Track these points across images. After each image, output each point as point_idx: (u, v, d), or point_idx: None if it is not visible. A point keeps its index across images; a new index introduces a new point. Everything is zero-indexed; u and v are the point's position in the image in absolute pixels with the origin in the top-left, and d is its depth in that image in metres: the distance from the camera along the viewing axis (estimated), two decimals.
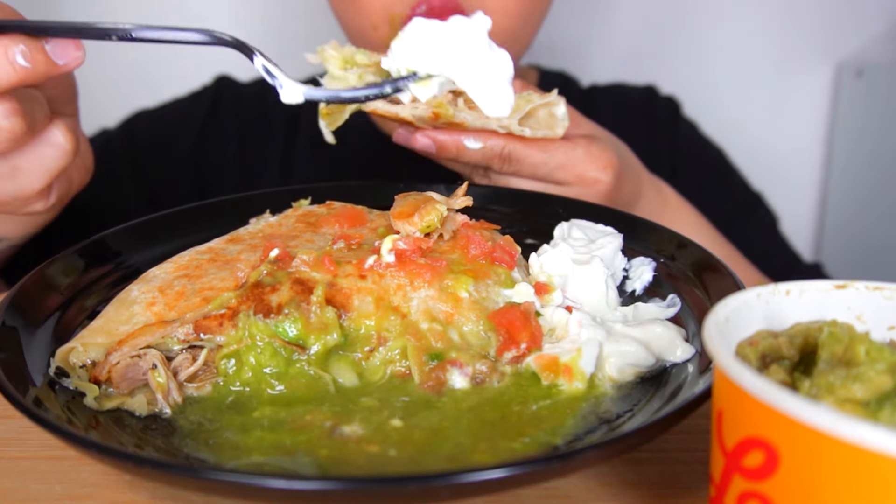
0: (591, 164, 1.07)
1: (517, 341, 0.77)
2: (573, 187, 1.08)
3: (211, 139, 1.58)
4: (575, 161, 1.07)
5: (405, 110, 0.99)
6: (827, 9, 2.29)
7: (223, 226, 0.97)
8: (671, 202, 1.26)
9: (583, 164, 1.07)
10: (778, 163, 2.36)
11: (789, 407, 0.46)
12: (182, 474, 0.59)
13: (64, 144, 0.94)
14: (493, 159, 1.04)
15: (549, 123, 1.04)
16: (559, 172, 1.07)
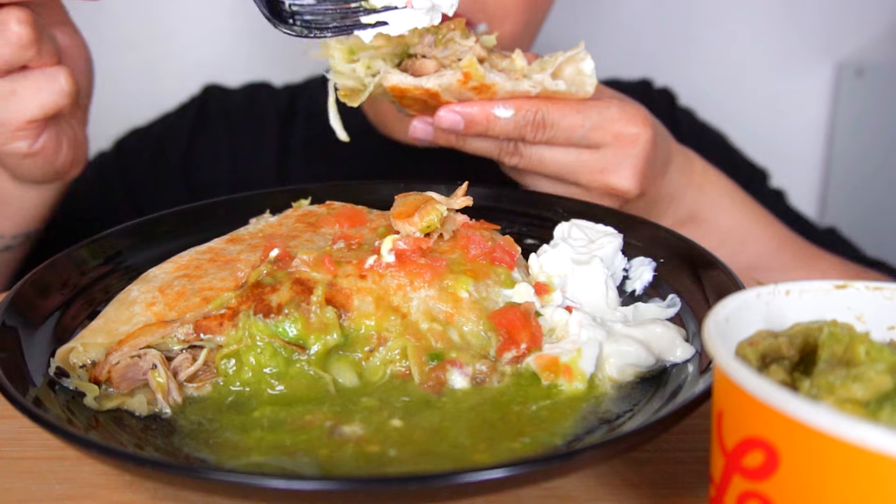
0: (629, 121, 1.01)
1: (517, 341, 0.77)
2: (611, 149, 1.01)
3: (201, 150, 1.56)
4: (611, 119, 1.00)
5: (430, 81, 0.94)
6: (827, 9, 2.29)
7: (223, 226, 0.97)
8: (697, 166, 1.20)
9: (619, 121, 1.01)
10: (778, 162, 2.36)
11: (789, 407, 0.46)
12: (182, 474, 0.59)
13: (64, 85, 0.95)
14: (525, 127, 0.98)
15: (577, 81, 0.98)
16: (595, 133, 1.00)
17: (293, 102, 1.61)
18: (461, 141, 1.02)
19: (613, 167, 1.02)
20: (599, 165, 1.02)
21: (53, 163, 1.06)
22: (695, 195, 1.15)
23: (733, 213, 1.20)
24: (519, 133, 0.99)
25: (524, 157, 1.03)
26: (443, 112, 0.97)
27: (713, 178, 1.20)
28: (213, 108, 1.61)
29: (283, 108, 1.60)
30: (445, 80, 0.94)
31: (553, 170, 1.03)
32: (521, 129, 0.98)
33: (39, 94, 0.95)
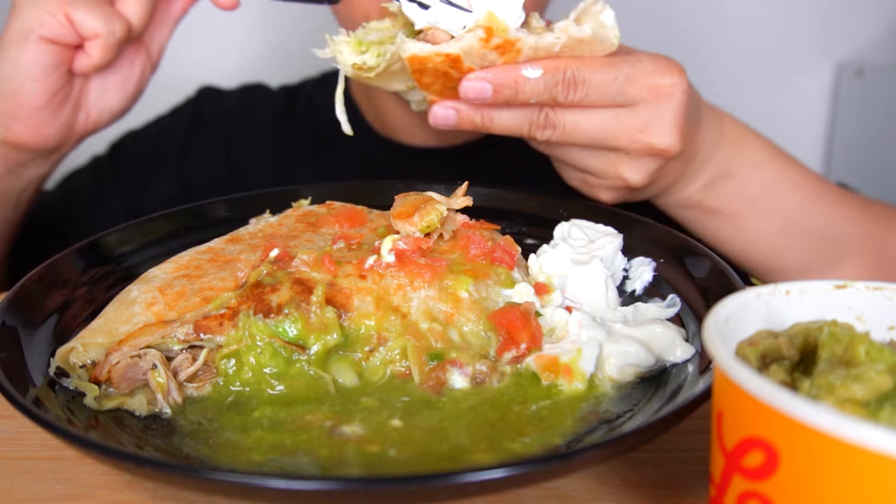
0: (663, 72, 0.96)
1: (517, 341, 0.77)
2: (648, 104, 0.96)
3: (196, 152, 1.54)
4: (644, 71, 0.95)
5: (450, 45, 0.89)
6: (827, 9, 2.29)
7: (223, 226, 0.97)
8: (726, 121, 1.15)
9: (654, 73, 0.96)
10: None
11: (789, 407, 0.46)
12: (182, 474, 0.59)
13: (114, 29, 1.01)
14: (556, 87, 0.92)
15: (600, 34, 0.94)
16: (630, 87, 0.95)
17: (290, 103, 1.60)
18: (487, 119, 0.96)
19: (653, 124, 0.97)
20: (638, 124, 0.97)
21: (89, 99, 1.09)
22: (727, 151, 1.11)
23: (767, 167, 1.16)
24: (550, 94, 0.93)
25: (557, 128, 0.97)
26: (467, 81, 0.91)
27: (743, 132, 1.16)
28: (209, 110, 1.60)
29: (279, 109, 1.59)
30: (466, 41, 0.89)
31: (590, 136, 0.98)
32: (551, 89, 0.92)
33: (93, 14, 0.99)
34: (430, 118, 0.97)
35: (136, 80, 1.14)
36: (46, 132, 1.08)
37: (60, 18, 0.98)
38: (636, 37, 2.51)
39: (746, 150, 1.14)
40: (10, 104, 1.03)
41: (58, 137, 1.10)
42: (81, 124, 1.13)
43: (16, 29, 1.00)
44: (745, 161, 1.14)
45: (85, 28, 0.99)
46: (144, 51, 1.13)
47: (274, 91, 1.65)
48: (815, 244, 1.22)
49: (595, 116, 0.96)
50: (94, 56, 1.02)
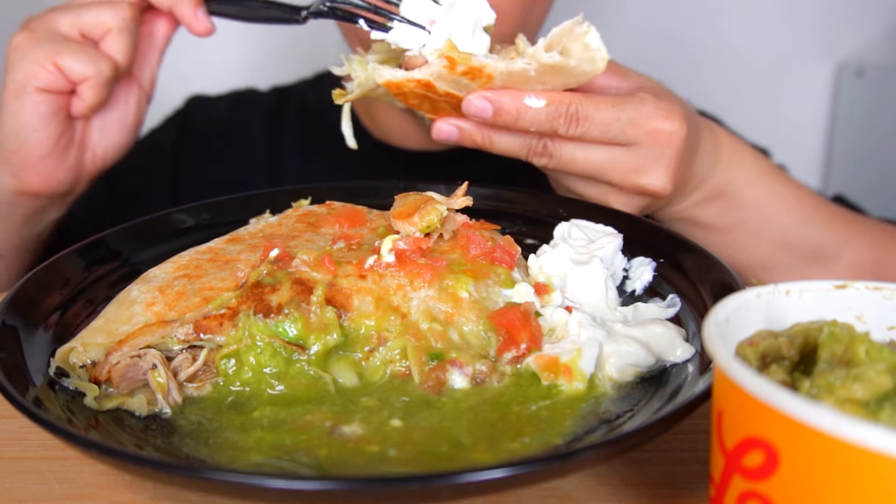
0: (665, 118, 0.97)
1: (517, 341, 0.77)
2: (645, 147, 0.98)
3: (187, 162, 1.54)
4: (647, 115, 0.96)
5: (420, 71, 0.91)
6: (827, 9, 2.29)
7: (223, 226, 0.97)
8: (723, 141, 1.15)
9: (656, 118, 0.97)
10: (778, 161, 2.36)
11: (789, 407, 0.46)
12: (182, 474, 0.59)
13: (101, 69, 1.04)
14: (558, 119, 0.93)
15: (585, 58, 0.91)
16: (631, 129, 0.96)
17: (281, 105, 1.59)
18: (487, 140, 0.98)
19: (647, 167, 0.99)
20: (633, 165, 0.99)
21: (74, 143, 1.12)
22: (723, 172, 1.12)
23: (760, 186, 1.17)
24: (551, 125, 0.94)
25: (554, 157, 0.99)
26: (471, 96, 0.93)
27: (740, 151, 1.17)
28: (198, 120, 1.59)
29: (270, 112, 1.58)
30: (434, 67, 0.91)
31: (584, 169, 1.00)
32: (553, 121, 0.94)
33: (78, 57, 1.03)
34: (434, 132, 0.99)
35: (133, 113, 1.18)
36: (57, 177, 1.12)
37: (50, 68, 1.03)
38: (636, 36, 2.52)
39: (742, 170, 1.15)
40: (19, 156, 1.07)
41: (69, 180, 1.14)
42: (90, 164, 1.16)
43: (11, 85, 1.05)
44: (740, 180, 1.15)
45: (74, 73, 1.04)
46: (136, 84, 1.17)
47: (264, 94, 1.64)
48: (806, 264, 1.23)
49: (592, 152, 0.98)
50: (86, 98, 1.06)
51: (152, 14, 1.14)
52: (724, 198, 1.14)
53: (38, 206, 1.15)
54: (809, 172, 2.46)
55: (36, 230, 1.19)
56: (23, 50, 1.04)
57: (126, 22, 1.06)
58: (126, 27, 1.07)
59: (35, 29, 1.06)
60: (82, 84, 1.05)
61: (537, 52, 0.90)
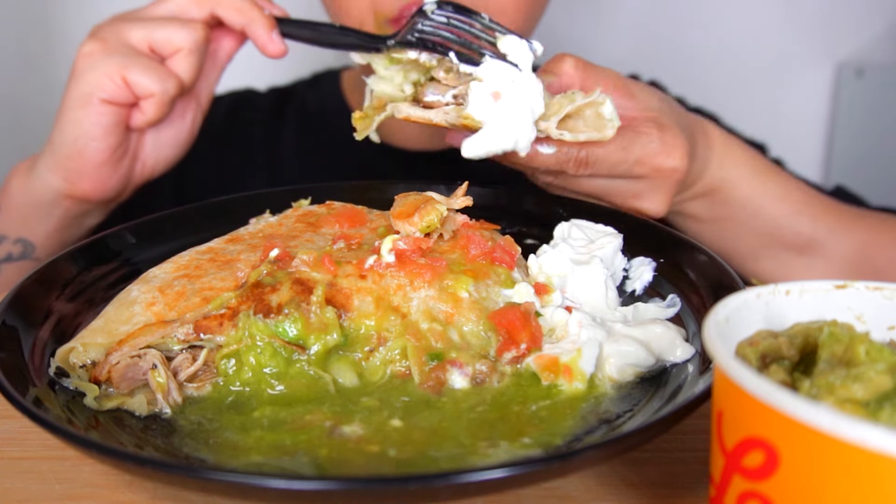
0: (668, 155, 1.01)
1: (517, 341, 0.77)
2: (647, 180, 1.02)
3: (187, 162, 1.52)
4: (653, 153, 1.00)
5: (437, 116, 0.94)
6: (827, 9, 2.29)
7: (223, 226, 0.97)
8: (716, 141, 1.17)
9: (659, 155, 1.00)
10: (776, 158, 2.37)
11: (789, 407, 0.46)
12: (182, 474, 0.59)
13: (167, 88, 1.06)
14: (567, 163, 0.97)
15: (596, 125, 0.96)
16: (637, 168, 1.00)
17: (280, 106, 1.59)
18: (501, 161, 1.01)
19: (647, 194, 1.04)
20: (633, 192, 1.03)
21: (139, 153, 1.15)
22: (714, 171, 1.15)
23: (750, 182, 1.19)
24: (560, 167, 0.97)
25: (558, 179, 1.02)
26: None
27: (732, 149, 1.19)
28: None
29: (269, 112, 1.58)
30: (451, 118, 0.93)
31: (586, 192, 1.04)
32: (562, 164, 0.97)
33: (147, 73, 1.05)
34: (447, 137, 1.01)
35: (188, 129, 1.19)
36: (109, 185, 1.14)
37: (118, 81, 1.04)
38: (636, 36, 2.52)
39: (734, 168, 1.17)
40: (76, 162, 1.09)
41: (118, 188, 1.16)
42: (138, 174, 1.18)
43: (77, 93, 1.06)
44: (732, 177, 1.17)
45: (140, 88, 1.05)
46: (195, 100, 1.18)
47: (263, 94, 1.63)
48: (795, 254, 1.25)
49: (597, 181, 1.02)
50: (148, 113, 1.08)
51: (220, 30, 1.15)
52: (714, 194, 1.16)
53: (82, 210, 1.17)
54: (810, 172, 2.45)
55: (75, 234, 1.21)
56: (92, 60, 1.05)
57: (196, 43, 1.07)
58: (196, 49, 1.08)
59: (105, 39, 1.06)
60: (146, 99, 1.07)
61: (549, 128, 0.93)
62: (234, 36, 1.15)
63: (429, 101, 0.94)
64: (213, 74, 1.18)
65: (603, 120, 0.95)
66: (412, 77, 0.98)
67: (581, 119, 0.96)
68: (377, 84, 1.00)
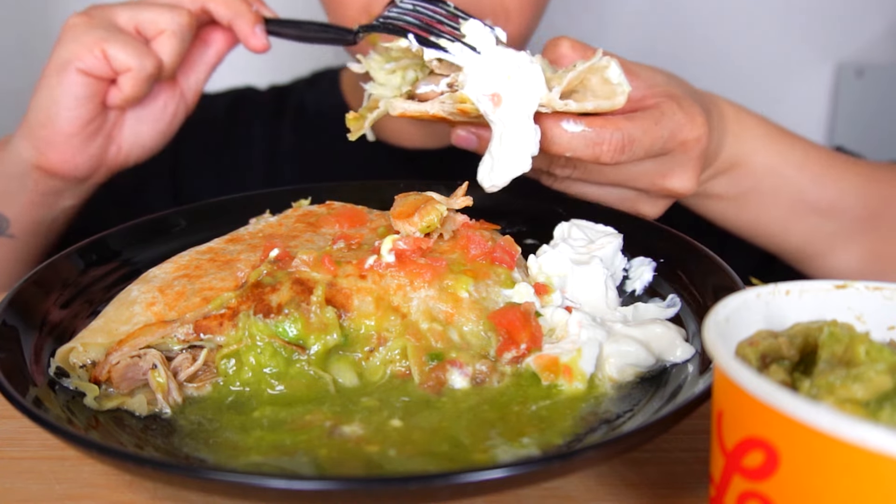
0: (692, 124, 0.96)
1: (517, 341, 0.77)
2: (675, 155, 0.97)
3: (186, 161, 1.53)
4: (679, 125, 0.95)
5: (433, 107, 0.90)
6: (827, 9, 2.29)
7: (223, 226, 0.97)
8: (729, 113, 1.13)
9: (686, 126, 0.95)
10: None
11: (789, 407, 0.46)
12: (182, 474, 0.59)
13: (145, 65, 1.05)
14: (600, 146, 0.88)
15: (605, 92, 0.88)
16: (669, 143, 0.94)
17: (279, 105, 1.59)
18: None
19: (675, 171, 0.98)
20: (661, 171, 0.98)
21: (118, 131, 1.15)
22: (731, 145, 1.11)
23: (768, 151, 1.16)
24: (592, 152, 0.89)
25: (579, 169, 0.96)
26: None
27: (746, 121, 1.16)
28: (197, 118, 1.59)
29: (268, 110, 1.58)
30: (447, 107, 0.90)
31: (613, 179, 0.98)
32: (594, 147, 0.89)
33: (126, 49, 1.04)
34: (453, 138, 0.98)
35: (168, 119, 1.19)
36: (77, 160, 1.12)
37: (96, 53, 1.04)
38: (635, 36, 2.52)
39: (749, 139, 1.14)
40: (46, 131, 1.09)
41: (88, 167, 1.14)
42: (112, 157, 1.17)
43: (56, 60, 1.07)
44: (748, 149, 1.13)
45: (118, 62, 1.05)
46: (179, 92, 1.18)
47: (263, 92, 1.63)
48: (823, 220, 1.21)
49: (625, 167, 0.96)
50: (124, 89, 1.08)
51: (212, 28, 1.16)
52: (735, 168, 1.13)
53: (53, 186, 1.15)
54: None
55: (49, 214, 1.19)
56: (75, 31, 1.06)
57: (180, 26, 1.08)
58: (179, 31, 1.08)
59: (93, 16, 1.07)
60: (123, 75, 1.06)
61: (552, 101, 0.86)
62: (225, 35, 1.16)
63: (423, 94, 0.92)
64: (202, 70, 1.18)
65: (611, 86, 0.88)
66: (409, 77, 0.97)
67: (588, 91, 0.89)
68: (375, 90, 0.99)
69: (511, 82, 0.87)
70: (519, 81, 0.87)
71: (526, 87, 0.87)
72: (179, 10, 1.09)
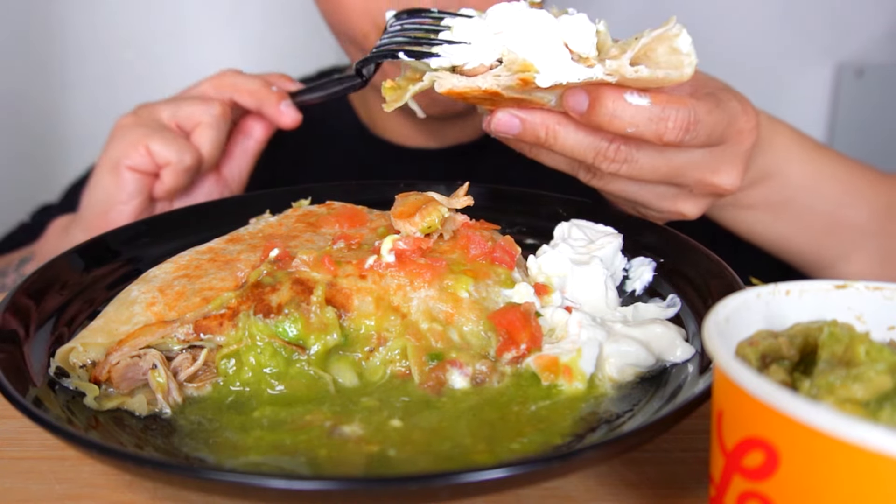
0: (748, 118, 0.92)
1: (517, 341, 0.77)
2: (727, 147, 0.91)
3: None
4: (736, 114, 0.90)
5: (486, 80, 0.81)
6: (827, 9, 2.29)
7: (223, 226, 0.97)
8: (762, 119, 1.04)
9: (741, 117, 0.90)
10: None
11: (789, 407, 0.46)
12: (182, 474, 0.59)
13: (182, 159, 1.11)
14: (664, 123, 0.82)
15: (671, 62, 0.82)
16: (728, 130, 0.89)
17: None
18: (552, 136, 0.86)
19: (724, 166, 0.92)
20: (710, 165, 0.92)
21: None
22: (765, 153, 1.06)
23: (802, 161, 1.12)
24: (655, 130, 0.82)
25: (629, 163, 0.88)
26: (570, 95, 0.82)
27: (779, 129, 1.11)
28: None
29: None
30: (503, 80, 0.81)
31: (662, 175, 0.90)
32: (658, 124, 0.82)
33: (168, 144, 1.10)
34: (492, 123, 0.87)
35: None
36: None
37: (140, 150, 1.10)
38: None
39: (783, 148, 1.10)
40: (101, 221, 1.14)
41: None
42: None
43: (107, 160, 1.14)
44: (782, 158, 1.10)
45: (159, 157, 1.11)
46: (223, 182, 1.23)
47: None
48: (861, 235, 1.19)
49: (676, 155, 0.89)
50: (166, 181, 1.13)
51: (250, 117, 1.21)
52: (770, 178, 1.09)
53: None
54: None
55: None
56: (123, 130, 1.13)
57: (214, 118, 1.13)
58: (214, 123, 1.13)
59: (140, 115, 1.15)
60: (165, 168, 1.12)
61: (622, 67, 0.80)
62: (261, 123, 1.21)
63: (471, 69, 0.83)
64: (244, 159, 1.23)
65: (679, 56, 0.81)
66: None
67: (652, 62, 0.82)
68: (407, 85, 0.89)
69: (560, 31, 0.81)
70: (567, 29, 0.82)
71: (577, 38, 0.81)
72: (212, 102, 1.14)
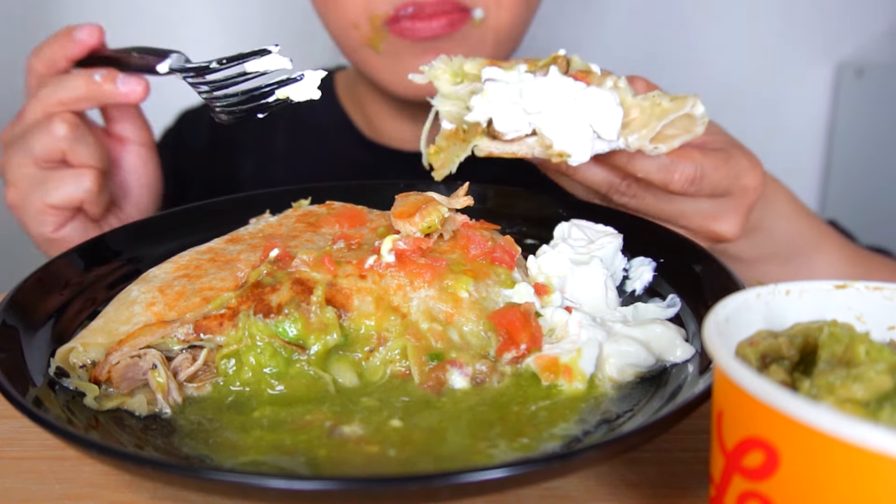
0: (755, 175, 0.98)
1: (517, 342, 0.77)
2: (731, 199, 0.98)
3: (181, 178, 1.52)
4: (743, 170, 0.96)
5: (521, 149, 0.88)
6: (827, 9, 2.29)
7: (223, 226, 0.97)
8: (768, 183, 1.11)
9: (749, 173, 0.97)
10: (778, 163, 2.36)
11: (789, 407, 0.46)
12: (182, 474, 0.59)
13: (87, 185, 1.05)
14: (672, 174, 0.91)
15: (685, 125, 0.89)
16: (733, 184, 0.96)
17: None
18: (572, 169, 0.94)
19: (726, 216, 0.99)
20: (713, 213, 0.98)
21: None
22: (760, 209, 1.10)
23: (791, 220, 1.17)
24: (663, 178, 0.91)
25: (637, 199, 0.96)
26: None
27: (773, 185, 1.16)
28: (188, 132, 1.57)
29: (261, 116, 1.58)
30: (537, 152, 0.88)
31: (666, 215, 0.98)
32: (667, 174, 0.90)
33: (63, 186, 1.05)
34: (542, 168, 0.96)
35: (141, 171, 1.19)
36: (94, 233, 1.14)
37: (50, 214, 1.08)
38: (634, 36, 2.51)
39: (776, 203, 1.14)
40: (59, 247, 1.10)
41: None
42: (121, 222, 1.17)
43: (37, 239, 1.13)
44: (774, 214, 1.14)
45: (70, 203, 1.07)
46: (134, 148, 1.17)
47: None
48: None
49: (682, 202, 0.96)
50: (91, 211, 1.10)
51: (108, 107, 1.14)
52: (757, 231, 1.12)
53: None
54: (809, 172, 2.46)
55: None
56: (21, 210, 1.09)
57: (68, 135, 1.03)
58: (73, 136, 1.04)
59: (14, 182, 1.08)
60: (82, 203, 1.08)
61: (644, 146, 0.88)
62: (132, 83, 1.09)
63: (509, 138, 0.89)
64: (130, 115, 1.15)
65: (692, 119, 0.89)
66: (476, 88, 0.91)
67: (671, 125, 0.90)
68: (443, 105, 0.93)
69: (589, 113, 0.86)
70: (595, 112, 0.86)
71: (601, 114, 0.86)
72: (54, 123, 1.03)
